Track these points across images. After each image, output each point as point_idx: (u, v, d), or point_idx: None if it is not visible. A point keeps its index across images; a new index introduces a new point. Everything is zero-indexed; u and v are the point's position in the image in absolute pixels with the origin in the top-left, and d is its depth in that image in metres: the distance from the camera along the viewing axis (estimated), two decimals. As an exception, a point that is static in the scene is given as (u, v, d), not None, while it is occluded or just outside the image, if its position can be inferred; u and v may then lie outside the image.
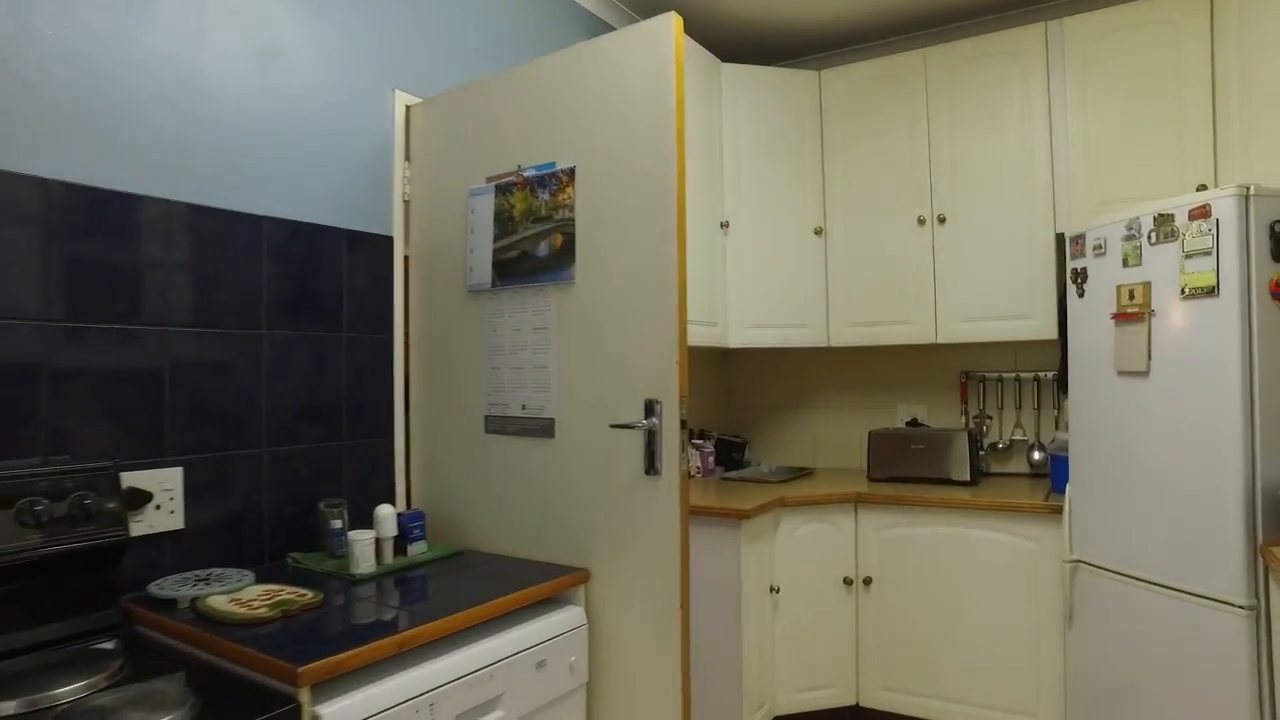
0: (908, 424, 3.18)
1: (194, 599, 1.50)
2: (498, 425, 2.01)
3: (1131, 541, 2.14)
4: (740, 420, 3.71)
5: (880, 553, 2.74)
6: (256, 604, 1.47)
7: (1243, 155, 2.44)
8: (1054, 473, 2.69)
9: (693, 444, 3.23)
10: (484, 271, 2.03)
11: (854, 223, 3.10)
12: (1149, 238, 2.08)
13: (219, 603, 1.47)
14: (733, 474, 3.20)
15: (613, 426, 1.74)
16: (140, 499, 1.58)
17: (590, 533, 1.84)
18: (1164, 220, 2.04)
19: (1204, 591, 1.94)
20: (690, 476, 3.15)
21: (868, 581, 2.75)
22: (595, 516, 1.83)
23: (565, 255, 1.87)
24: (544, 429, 1.91)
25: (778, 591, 2.64)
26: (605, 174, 1.82)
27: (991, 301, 2.85)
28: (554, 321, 1.90)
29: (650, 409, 1.71)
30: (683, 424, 1.68)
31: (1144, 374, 2.09)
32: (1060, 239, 2.75)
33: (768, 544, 2.62)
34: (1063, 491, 2.52)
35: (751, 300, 3.03)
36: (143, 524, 1.61)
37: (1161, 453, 2.05)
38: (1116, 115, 2.65)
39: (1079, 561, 2.34)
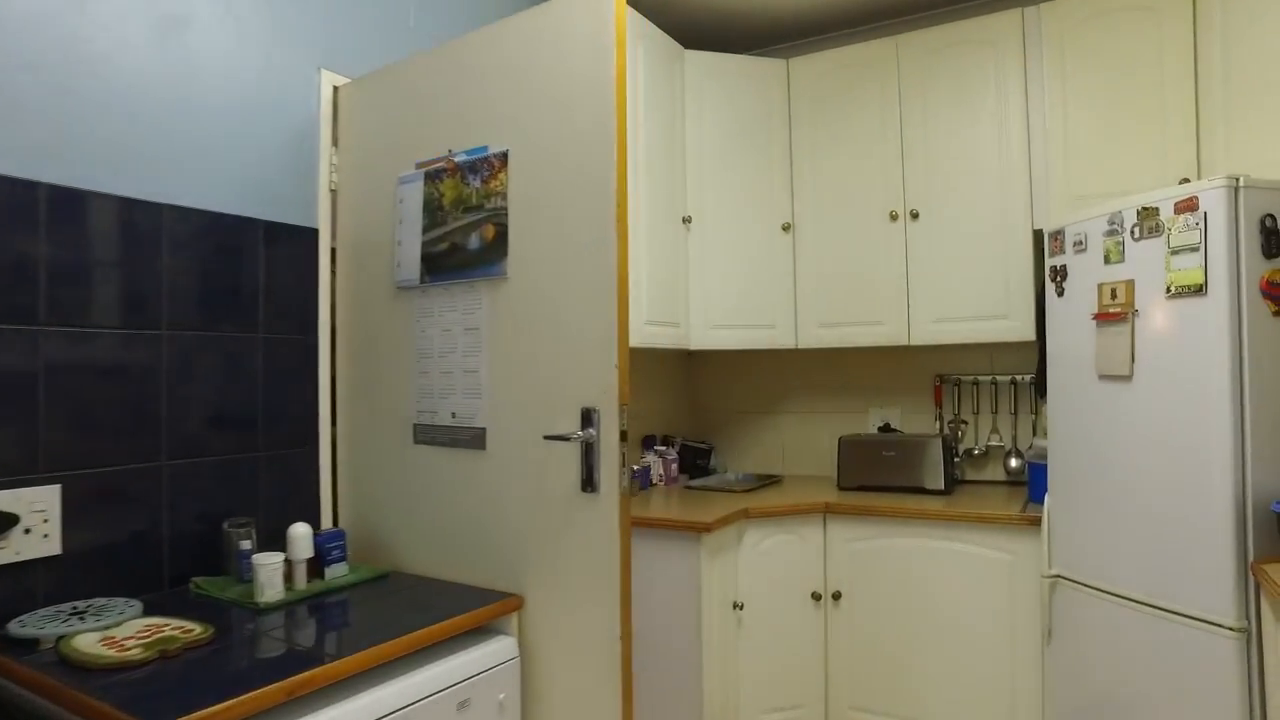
0: (880, 429, 3.03)
1: (60, 638, 1.32)
2: (427, 435, 1.83)
3: (1113, 556, 2.00)
4: (705, 425, 3.55)
5: (850, 566, 2.59)
6: (130, 643, 1.29)
7: (1226, 147, 2.32)
8: (1032, 481, 2.56)
9: (655, 450, 3.07)
10: (412, 266, 1.85)
11: (823, 218, 2.95)
12: (1132, 233, 1.95)
13: (86, 643, 1.29)
14: (696, 482, 3.04)
15: (547, 438, 1.57)
16: (3, 523, 1.39)
17: (524, 555, 1.66)
18: (1148, 214, 1.91)
19: (1191, 611, 1.81)
20: (653, 485, 2.98)
21: (837, 596, 2.60)
22: (529, 537, 1.66)
23: (497, 248, 1.70)
24: (475, 439, 1.74)
25: (741, 608, 2.49)
26: (540, 159, 1.65)
27: (966, 301, 2.71)
28: (485, 321, 1.73)
29: (588, 418, 1.54)
30: (623, 435, 1.51)
31: (1127, 378, 1.96)
32: (1038, 235, 2.61)
33: (731, 558, 2.46)
34: (1041, 501, 2.39)
35: (716, 299, 2.88)
36: (7, 551, 1.41)
37: (1145, 462, 1.91)
38: (1096, 105, 2.53)
39: (1058, 577, 2.20)
